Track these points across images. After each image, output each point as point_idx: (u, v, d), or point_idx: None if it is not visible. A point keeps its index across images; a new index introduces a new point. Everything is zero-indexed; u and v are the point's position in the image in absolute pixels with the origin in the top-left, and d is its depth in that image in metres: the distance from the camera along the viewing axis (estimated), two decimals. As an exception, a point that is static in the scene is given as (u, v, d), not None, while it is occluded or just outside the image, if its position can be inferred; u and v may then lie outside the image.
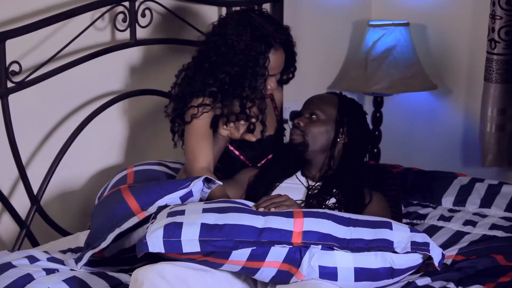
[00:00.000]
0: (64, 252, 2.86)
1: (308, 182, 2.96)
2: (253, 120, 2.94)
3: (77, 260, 2.66)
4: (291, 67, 3.10)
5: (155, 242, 2.35)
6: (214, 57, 2.90)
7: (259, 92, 2.92)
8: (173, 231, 2.36)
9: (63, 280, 2.55)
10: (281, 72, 3.04)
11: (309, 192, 2.90)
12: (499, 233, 3.14)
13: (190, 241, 2.35)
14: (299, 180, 2.98)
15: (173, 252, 2.36)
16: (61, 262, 2.70)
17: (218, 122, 2.95)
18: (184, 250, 2.35)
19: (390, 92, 4.19)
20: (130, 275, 2.43)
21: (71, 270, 2.65)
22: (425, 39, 4.36)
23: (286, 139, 3.19)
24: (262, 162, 3.11)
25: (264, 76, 2.91)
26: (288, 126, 3.21)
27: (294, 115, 3.11)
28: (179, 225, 2.37)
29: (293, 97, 3.88)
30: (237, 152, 3.06)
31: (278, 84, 3.12)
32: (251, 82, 2.89)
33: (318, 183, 2.94)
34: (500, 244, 3.03)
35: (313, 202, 2.85)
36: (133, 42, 3.38)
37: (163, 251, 2.35)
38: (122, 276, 2.67)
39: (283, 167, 3.02)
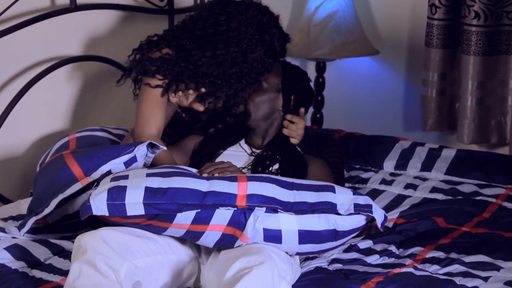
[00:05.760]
0: (5, 220, 2.84)
1: (251, 149, 2.97)
2: (203, 90, 2.86)
3: (20, 227, 2.64)
4: None
5: (99, 205, 2.34)
6: (223, 51, 2.81)
7: (239, 97, 2.90)
8: (117, 194, 2.34)
9: (5, 248, 2.54)
10: None
11: (259, 159, 2.89)
12: (439, 196, 3.19)
13: (134, 204, 2.34)
14: (242, 148, 2.98)
15: (117, 216, 2.35)
16: (2, 230, 2.68)
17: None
18: (128, 213, 2.34)
19: (332, 57, 4.20)
20: (73, 242, 2.41)
21: (13, 238, 2.64)
22: (367, 4, 4.37)
23: None
24: (210, 130, 3.10)
25: (254, 86, 2.89)
26: None
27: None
28: (123, 188, 2.36)
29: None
30: (186, 118, 3.04)
31: None
32: (241, 89, 2.86)
33: (261, 150, 2.94)
34: (440, 207, 3.08)
35: (259, 170, 2.85)
36: (73, 7, 3.33)
37: (107, 214, 2.34)
38: (65, 243, 2.66)
39: (227, 135, 3.02)
